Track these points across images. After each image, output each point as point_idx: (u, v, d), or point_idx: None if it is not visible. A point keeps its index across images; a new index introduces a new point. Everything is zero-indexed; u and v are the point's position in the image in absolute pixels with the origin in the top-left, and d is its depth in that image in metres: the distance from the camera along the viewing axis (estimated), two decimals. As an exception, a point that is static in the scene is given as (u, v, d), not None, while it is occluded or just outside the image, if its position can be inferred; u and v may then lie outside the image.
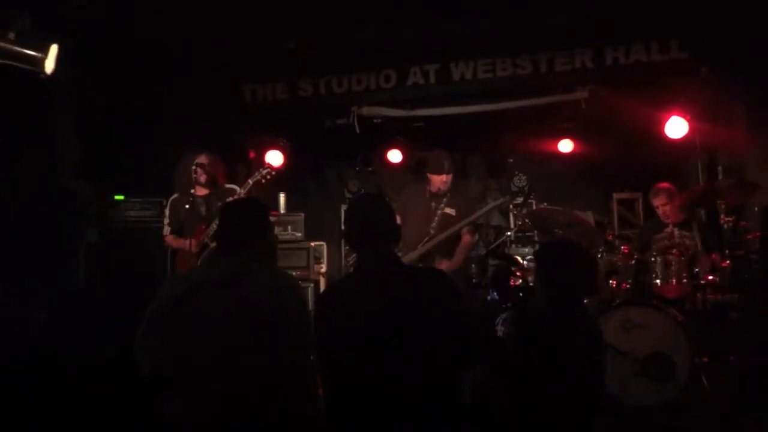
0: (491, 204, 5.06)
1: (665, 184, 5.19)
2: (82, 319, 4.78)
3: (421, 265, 4.67)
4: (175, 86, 5.70)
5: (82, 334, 4.69)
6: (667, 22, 5.18)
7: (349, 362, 2.14)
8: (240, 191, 4.70)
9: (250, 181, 4.70)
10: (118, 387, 3.76)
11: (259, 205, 2.76)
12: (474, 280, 5.46)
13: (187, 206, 4.77)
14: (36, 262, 4.68)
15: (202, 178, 4.80)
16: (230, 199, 4.55)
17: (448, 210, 4.86)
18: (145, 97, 5.54)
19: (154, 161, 5.50)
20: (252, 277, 2.47)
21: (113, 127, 5.42)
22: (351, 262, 6.08)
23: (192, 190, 4.79)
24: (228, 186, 4.89)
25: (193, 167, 4.76)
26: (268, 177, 4.73)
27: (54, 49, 3.89)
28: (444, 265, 4.71)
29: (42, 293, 4.57)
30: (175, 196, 4.94)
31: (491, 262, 5.40)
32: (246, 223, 2.63)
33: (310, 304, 3.03)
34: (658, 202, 5.11)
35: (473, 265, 5.57)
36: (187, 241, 4.68)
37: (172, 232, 4.89)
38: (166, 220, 4.93)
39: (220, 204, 4.64)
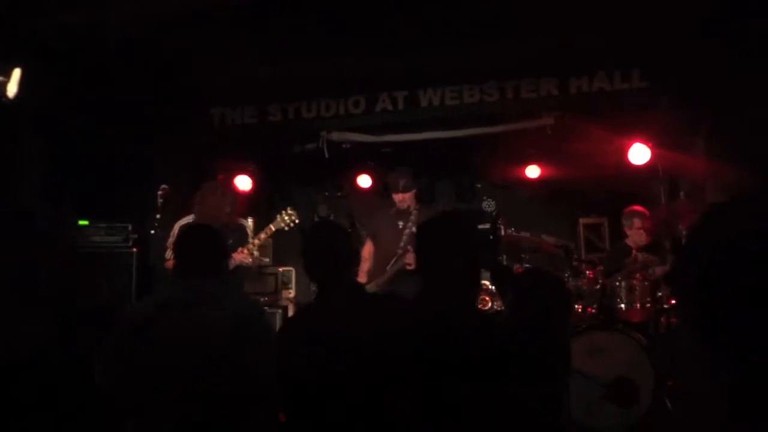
0: None
1: (642, 208, 5.29)
2: (44, 345, 4.66)
3: (391, 288, 4.66)
4: (144, 109, 5.66)
5: (43, 361, 4.57)
6: (628, 52, 5.32)
7: (308, 393, 2.12)
8: (248, 226, 4.56)
9: (272, 227, 4.52)
10: (78, 413, 3.67)
11: (216, 233, 2.81)
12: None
13: None
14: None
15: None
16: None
17: (415, 229, 4.86)
18: (113, 121, 5.49)
19: (121, 186, 5.44)
20: (217, 302, 2.46)
21: (80, 151, 5.36)
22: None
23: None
24: (240, 222, 4.71)
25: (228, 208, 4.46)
26: (292, 225, 4.56)
27: (17, 72, 3.87)
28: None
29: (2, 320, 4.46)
30: (187, 221, 4.52)
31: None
32: (214, 249, 2.65)
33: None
34: (640, 223, 5.18)
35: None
36: None
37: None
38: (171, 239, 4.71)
39: (231, 242, 4.31)
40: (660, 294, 4.62)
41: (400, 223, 4.93)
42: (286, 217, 4.54)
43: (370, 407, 2.05)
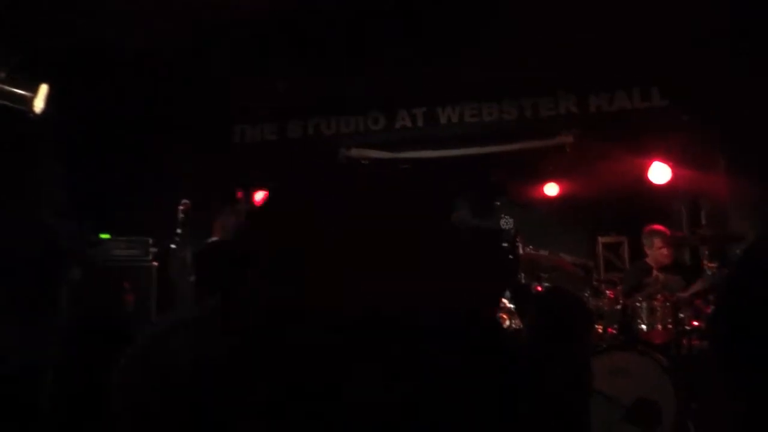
0: None
1: (663, 228, 5.22)
2: (63, 360, 4.68)
3: None
4: (163, 125, 5.72)
5: (62, 377, 4.58)
6: (648, 70, 5.31)
7: (307, 393, 2.11)
8: None
9: None
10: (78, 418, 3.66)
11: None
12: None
13: None
14: (15, 300, 4.60)
15: None
16: None
17: None
18: (133, 136, 5.55)
19: (141, 199, 5.48)
20: None
21: (101, 165, 5.41)
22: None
23: None
24: None
25: None
26: None
27: (44, 88, 3.92)
28: None
29: (21, 333, 4.47)
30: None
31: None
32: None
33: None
34: (661, 243, 5.11)
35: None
36: None
37: None
38: None
39: None
40: (682, 315, 4.55)
41: None
42: None
43: (369, 409, 2.03)
